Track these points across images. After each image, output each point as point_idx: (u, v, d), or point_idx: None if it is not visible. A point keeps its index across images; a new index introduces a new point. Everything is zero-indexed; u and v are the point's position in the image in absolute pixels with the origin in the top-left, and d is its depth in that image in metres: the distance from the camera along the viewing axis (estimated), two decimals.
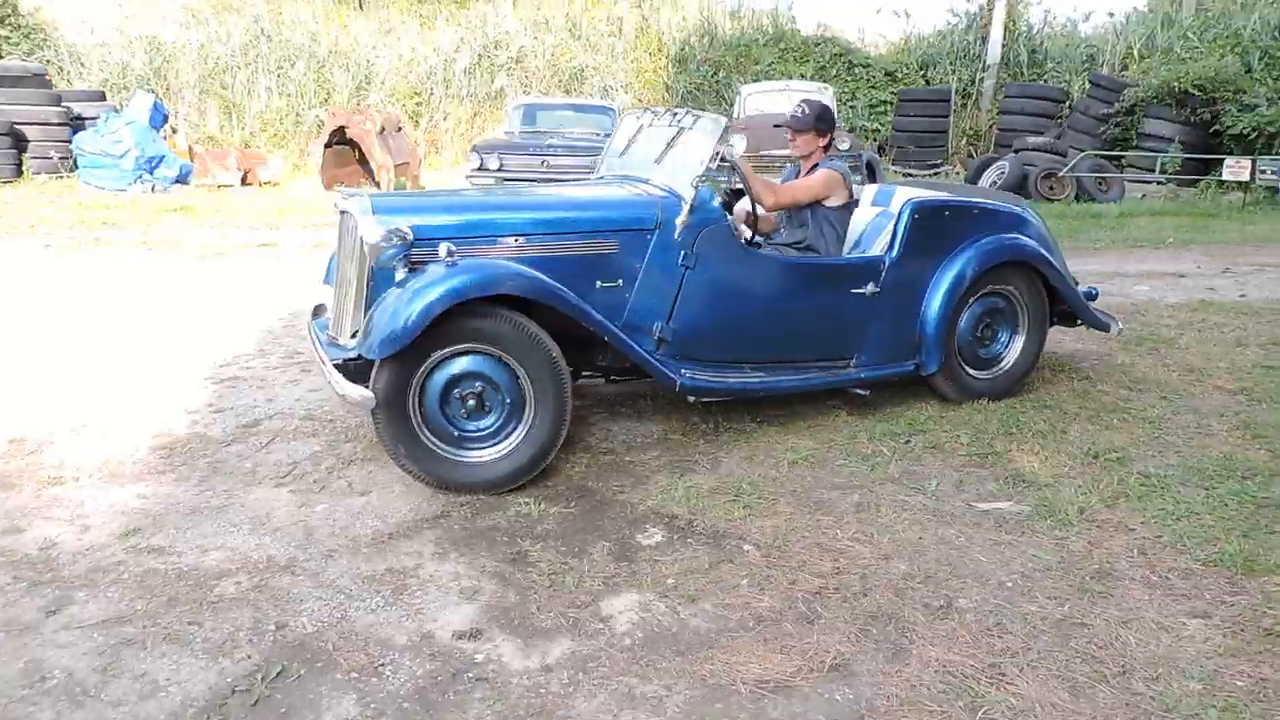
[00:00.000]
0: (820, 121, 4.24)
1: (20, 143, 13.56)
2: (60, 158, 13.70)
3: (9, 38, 16.87)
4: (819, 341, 4.14)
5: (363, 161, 13.41)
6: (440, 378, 3.32)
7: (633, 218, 3.72)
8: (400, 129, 13.89)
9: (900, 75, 17.59)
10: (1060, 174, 12.64)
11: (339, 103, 16.59)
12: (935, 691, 2.36)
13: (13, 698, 2.26)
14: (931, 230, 4.21)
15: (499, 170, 10.94)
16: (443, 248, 3.30)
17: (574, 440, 3.92)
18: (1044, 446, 3.98)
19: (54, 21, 18.60)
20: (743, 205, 4.30)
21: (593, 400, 4.50)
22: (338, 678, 2.36)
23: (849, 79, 17.34)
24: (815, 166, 4.27)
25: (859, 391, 4.32)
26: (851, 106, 16.70)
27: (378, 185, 12.95)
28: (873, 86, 17.37)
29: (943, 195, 4.53)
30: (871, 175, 12.66)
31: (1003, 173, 12.66)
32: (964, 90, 17.22)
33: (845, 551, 3.07)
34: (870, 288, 4.10)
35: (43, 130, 13.83)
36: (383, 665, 2.41)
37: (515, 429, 3.42)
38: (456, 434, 3.37)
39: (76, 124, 14.14)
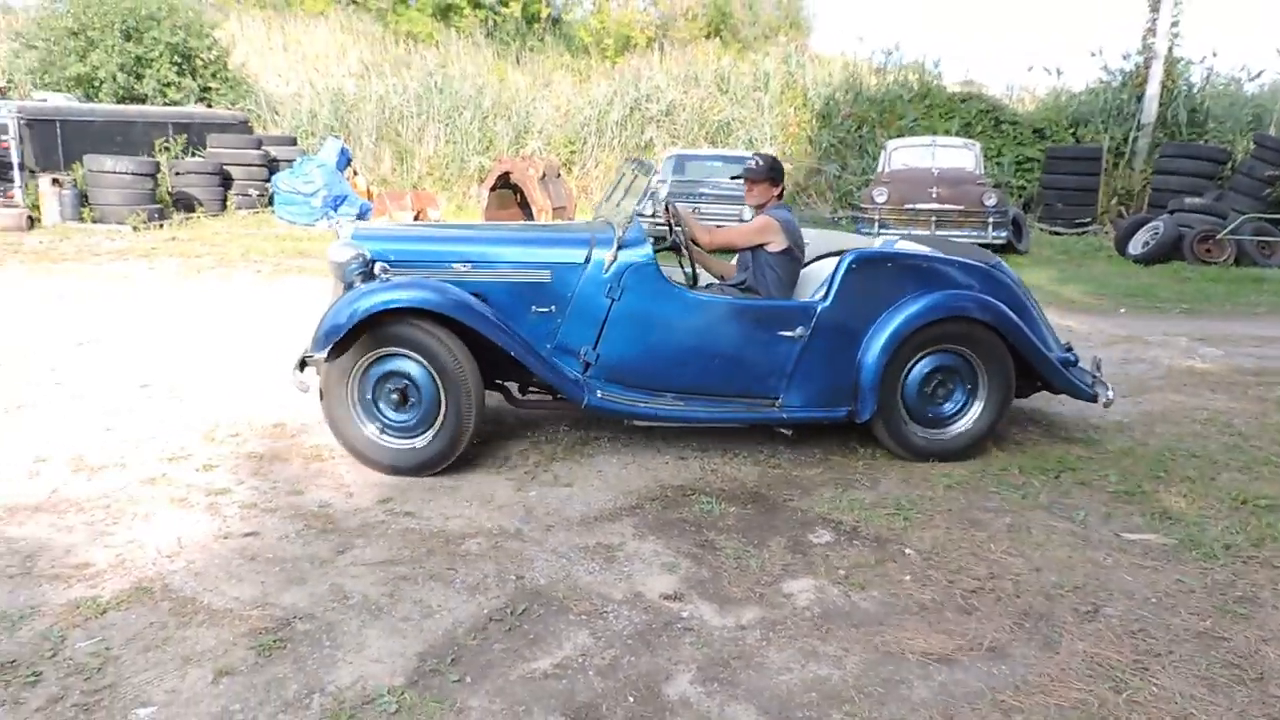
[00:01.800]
0: (772, 172, 4.53)
1: (226, 181, 15.22)
2: (258, 195, 15.28)
3: (219, 89, 18.93)
4: (742, 379, 4.29)
5: (523, 204, 14.41)
6: (375, 373, 4.02)
7: (563, 253, 4.22)
8: (559, 175, 14.86)
9: (1049, 132, 17.52)
10: (1219, 236, 12.39)
11: (500, 150, 17.82)
12: (1083, 675, 2.70)
13: (327, 608, 2.89)
14: (870, 280, 4.26)
15: (651, 216, 11.64)
16: (377, 266, 4.03)
17: (744, 454, 4.41)
18: (1191, 490, 4.18)
19: (256, 75, 20.73)
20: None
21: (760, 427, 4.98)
22: (570, 618, 2.89)
23: (995, 135, 17.39)
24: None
25: (784, 431, 4.46)
26: (998, 163, 16.74)
27: None
28: (1020, 143, 17.35)
29: (889, 248, 4.67)
30: (1018, 232, 12.77)
31: (1156, 233, 12.50)
32: (1116, 148, 16.99)
33: (998, 562, 3.41)
34: (799, 331, 4.23)
35: (245, 170, 15.48)
36: (605, 612, 2.93)
37: (431, 424, 4.01)
38: (380, 425, 4.04)
39: (272, 165, 15.77)
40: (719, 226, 4.85)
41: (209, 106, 18.28)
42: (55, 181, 12.82)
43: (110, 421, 4.67)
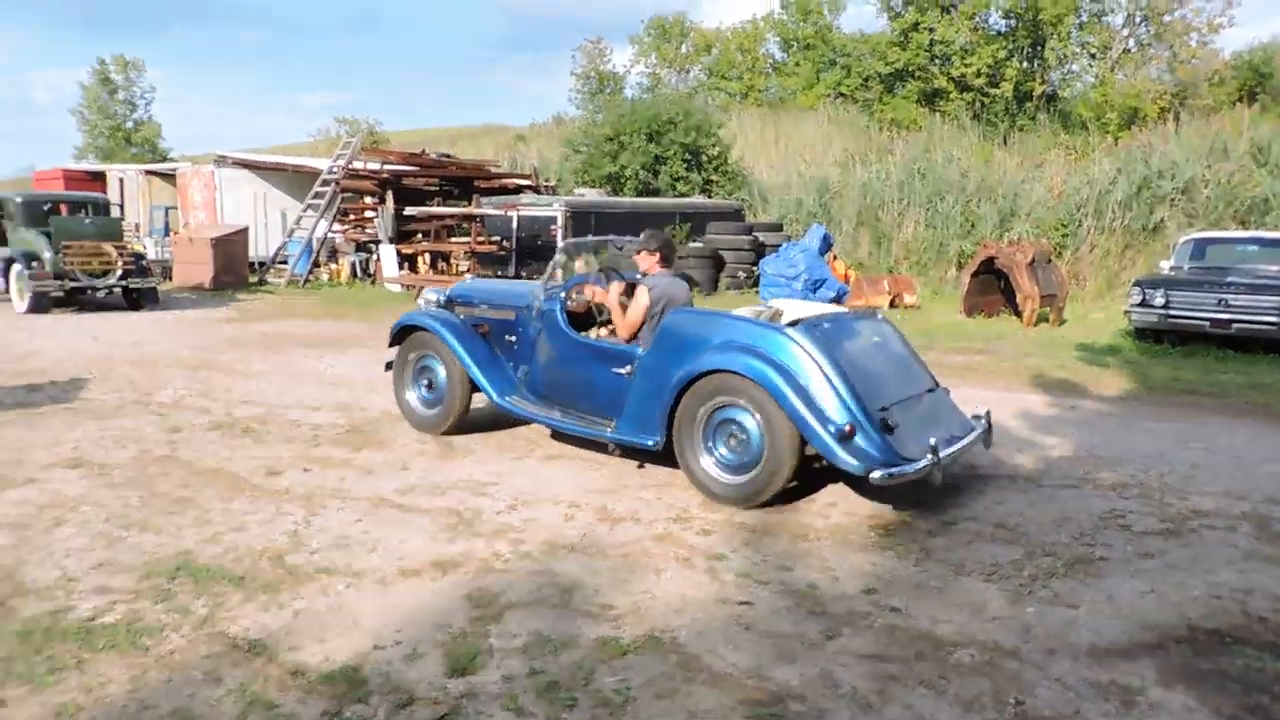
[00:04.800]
0: (651, 241, 5.68)
1: (720, 264, 16.72)
2: (745, 277, 16.52)
3: (719, 181, 20.98)
4: (595, 401, 5.52)
5: (1006, 291, 13.70)
6: (417, 366, 6.43)
7: (520, 302, 6.13)
8: (1049, 261, 13.91)
9: None
10: None
11: (983, 234, 17.22)
12: None
13: (818, 693, 2.92)
14: (678, 334, 5.11)
15: (1164, 308, 10.35)
16: (430, 299, 6.77)
17: None
18: None
19: (751, 167, 22.63)
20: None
21: None
22: None
23: None
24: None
25: (611, 450, 5.42)
26: None
27: (1019, 315, 13.10)
28: None
29: (704, 308, 5.81)
30: None
31: None
32: None
33: None
34: (627, 369, 5.29)
35: (736, 254, 16.89)
36: None
37: (441, 402, 6.26)
38: (413, 393, 6.44)
39: (760, 249, 16.97)
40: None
41: (710, 197, 20.32)
42: (586, 263, 15.14)
43: (629, 480, 5.29)
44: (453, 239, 18.01)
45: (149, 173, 23.85)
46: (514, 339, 6.08)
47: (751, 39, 37.88)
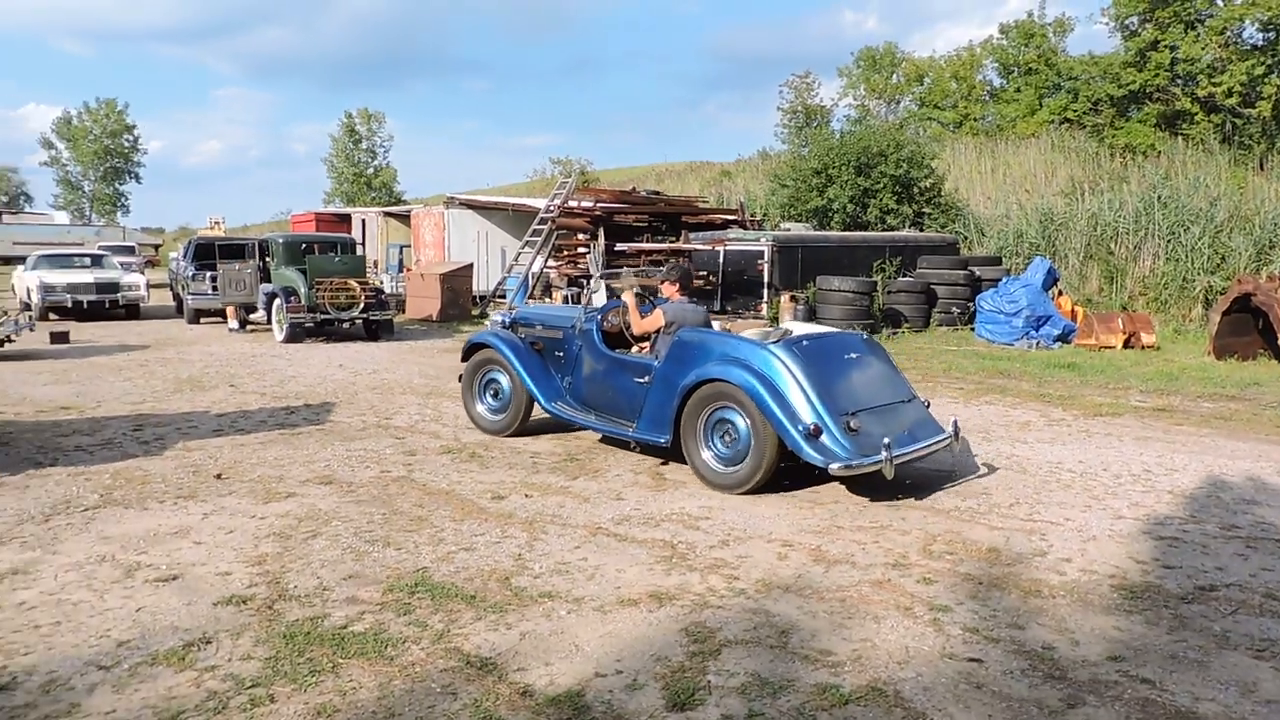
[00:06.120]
0: (671, 273, 6.81)
1: (931, 299, 16.09)
2: (959, 313, 15.80)
3: (931, 214, 20.26)
4: (621, 406, 6.49)
5: (1265, 331, 12.31)
6: (483, 379, 7.59)
7: (566, 323, 7.10)
8: None
9: None
10: None
11: (1235, 268, 15.59)
12: None
13: None
14: (686, 349, 6.10)
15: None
16: (495, 321, 8.18)
17: None
18: None
19: (965, 198, 21.72)
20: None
21: None
22: None
23: None
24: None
25: (632, 447, 6.61)
26: None
27: (1277, 357, 11.74)
28: None
29: (710, 330, 6.46)
30: None
31: None
32: None
33: None
34: (646, 379, 6.28)
35: (949, 289, 16.19)
36: None
37: (508, 409, 7.38)
38: (482, 404, 7.61)
39: (976, 284, 16.19)
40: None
41: (921, 230, 19.66)
42: (793, 298, 15.03)
43: (842, 520, 5.18)
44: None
45: (386, 214, 26.07)
46: (561, 354, 7.11)
47: (968, 66, 36.50)
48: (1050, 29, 33.83)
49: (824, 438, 5.36)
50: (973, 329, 15.14)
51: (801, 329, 6.55)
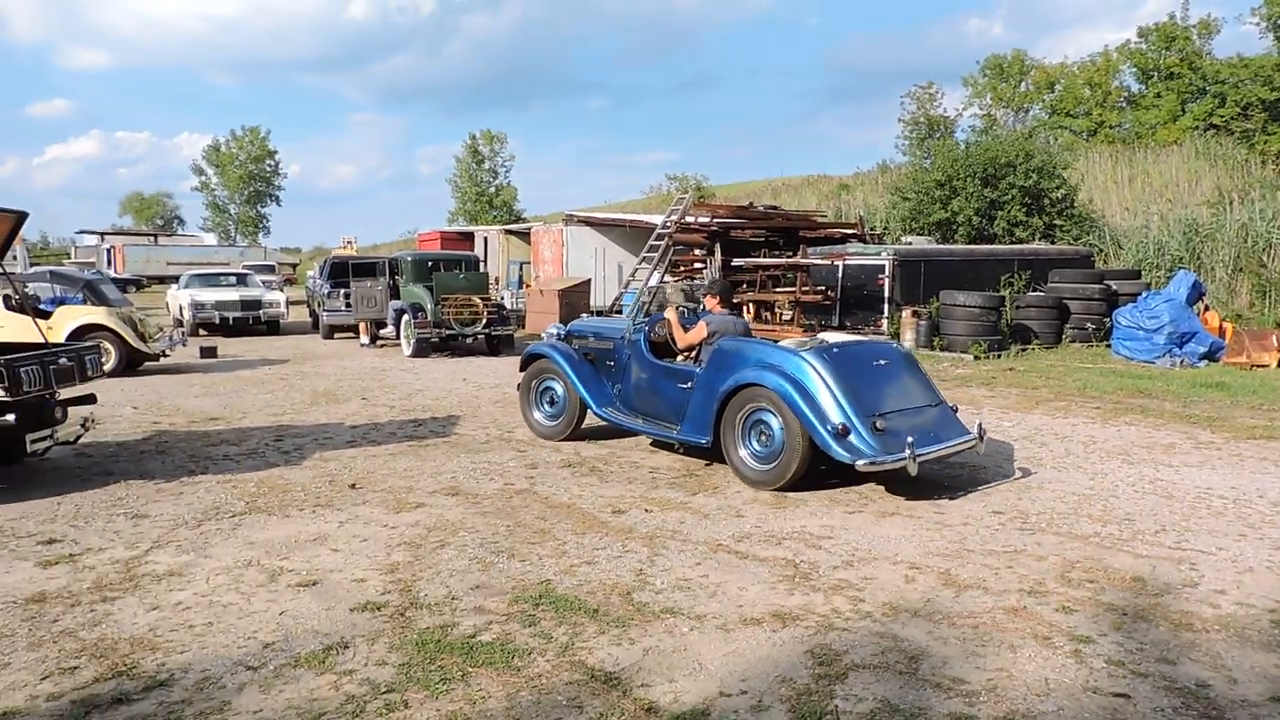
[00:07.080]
0: (713, 287, 7.46)
1: (1063, 314, 15.38)
2: (1094, 329, 15.05)
3: (1063, 226, 19.40)
4: (666, 410, 7.01)
5: None
6: (538, 387, 8.14)
7: (617, 335, 7.60)
8: None
9: None
10: None
11: None
12: None
13: None
14: (725, 356, 6.59)
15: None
16: (551, 333, 8.50)
17: None
18: None
19: (1100, 210, 20.72)
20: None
21: None
22: None
23: None
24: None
25: (677, 449, 7.24)
26: None
27: None
28: None
29: (746, 338, 6.94)
30: None
31: None
32: None
33: None
34: (689, 385, 6.78)
35: (1083, 304, 15.44)
36: None
37: (563, 415, 7.93)
38: (539, 411, 8.15)
39: (1112, 299, 15.39)
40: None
41: (1052, 243, 18.85)
42: (915, 314, 14.64)
43: (971, 544, 4.99)
44: (777, 289, 18.26)
45: (507, 232, 26.79)
46: (612, 363, 7.63)
47: (1103, 72, 34.88)
48: (1194, 31, 32.00)
49: (851, 436, 5.77)
50: (1108, 346, 14.39)
51: (834, 338, 6.99)
